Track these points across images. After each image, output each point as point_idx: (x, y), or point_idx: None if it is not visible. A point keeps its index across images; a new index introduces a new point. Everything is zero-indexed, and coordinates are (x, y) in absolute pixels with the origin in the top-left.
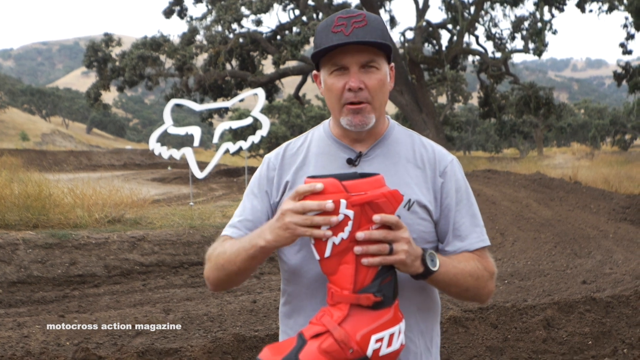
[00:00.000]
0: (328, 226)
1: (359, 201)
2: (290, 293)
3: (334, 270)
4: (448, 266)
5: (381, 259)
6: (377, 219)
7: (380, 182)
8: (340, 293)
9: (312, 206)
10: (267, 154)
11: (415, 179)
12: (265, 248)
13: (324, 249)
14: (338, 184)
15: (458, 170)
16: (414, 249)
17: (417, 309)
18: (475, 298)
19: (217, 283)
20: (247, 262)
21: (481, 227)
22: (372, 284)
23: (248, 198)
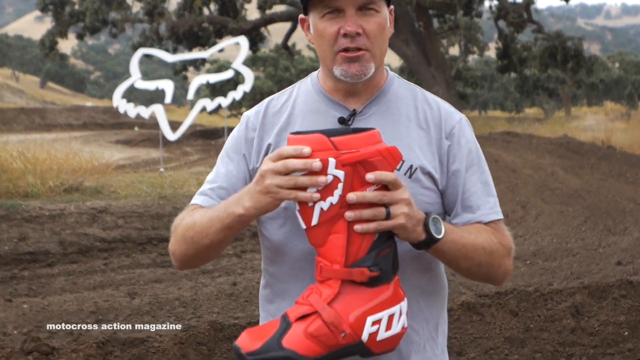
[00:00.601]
0: (315, 188)
1: (351, 160)
2: (273, 274)
3: (323, 240)
4: (456, 235)
5: (377, 225)
6: (371, 177)
7: (375, 138)
8: (330, 268)
9: (296, 165)
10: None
11: (418, 141)
12: (244, 216)
13: (311, 215)
14: (326, 141)
15: (468, 130)
16: (415, 212)
17: (420, 292)
18: (489, 277)
19: (184, 259)
20: (221, 233)
21: (494, 197)
22: (367, 256)
23: (223, 162)
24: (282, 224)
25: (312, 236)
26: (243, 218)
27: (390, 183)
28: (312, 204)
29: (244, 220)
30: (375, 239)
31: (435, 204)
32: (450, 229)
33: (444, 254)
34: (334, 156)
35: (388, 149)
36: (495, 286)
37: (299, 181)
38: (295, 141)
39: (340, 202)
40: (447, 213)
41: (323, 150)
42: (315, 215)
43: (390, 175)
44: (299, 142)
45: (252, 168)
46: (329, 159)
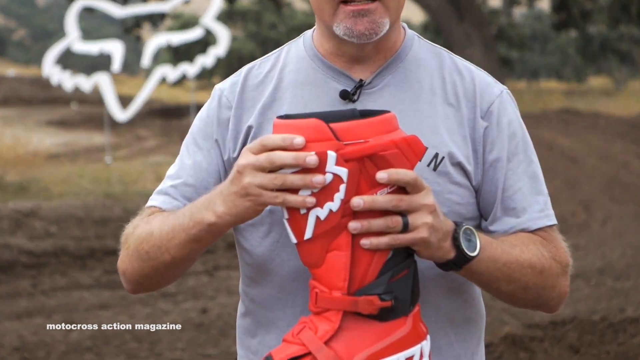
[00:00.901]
0: (309, 191)
1: (357, 153)
2: (255, 298)
3: (319, 259)
4: (495, 250)
5: (391, 239)
6: (384, 177)
7: (389, 123)
8: (328, 295)
9: (285, 159)
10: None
11: (445, 121)
12: (215, 225)
13: (304, 226)
14: (324, 128)
15: (511, 108)
16: (442, 222)
17: (449, 323)
18: (539, 302)
19: (138, 280)
20: (186, 247)
21: (545, 195)
22: (377, 280)
23: (188, 151)
24: (266, 233)
25: (305, 253)
26: (214, 228)
27: (409, 184)
28: (306, 211)
29: (215, 230)
30: (388, 258)
31: (468, 204)
32: (488, 243)
33: (479, 275)
34: (335, 148)
35: (406, 140)
36: (549, 313)
37: (287, 180)
38: (284, 128)
39: (342, 209)
40: (482, 217)
41: (320, 140)
42: (309, 225)
43: (408, 174)
44: (288, 129)
45: (228, 158)
46: (328, 153)
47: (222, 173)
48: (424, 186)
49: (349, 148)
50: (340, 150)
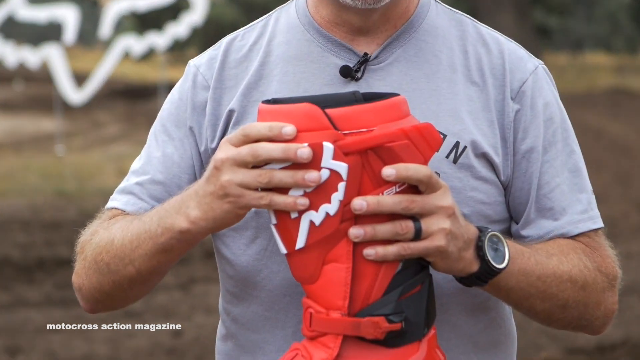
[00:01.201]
0: (301, 191)
1: (359, 145)
2: (238, 318)
3: (314, 273)
4: (527, 261)
5: (400, 248)
6: (391, 173)
7: (398, 109)
8: (324, 317)
9: (272, 152)
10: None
11: (467, 103)
12: (188, 233)
13: (295, 233)
14: (319, 114)
15: (547, 87)
16: (462, 227)
17: (472, 347)
18: (581, 323)
19: (96, 297)
20: (153, 258)
21: (589, 193)
22: (384, 298)
23: (157, 141)
24: (251, 239)
25: (296, 266)
26: (187, 235)
27: (422, 182)
28: (297, 215)
29: (188, 238)
30: (397, 271)
31: (495, 204)
32: (519, 253)
33: (509, 291)
34: (332, 139)
35: (419, 128)
36: (594, 335)
37: (275, 178)
38: (270, 114)
39: (341, 213)
40: (513, 219)
41: (314, 129)
42: (301, 232)
43: (421, 170)
44: (276, 115)
45: (205, 150)
46: (324, 144)
47: (198, 168)
48: (441, 184)
49: (349, 139)
50: (339, 142)
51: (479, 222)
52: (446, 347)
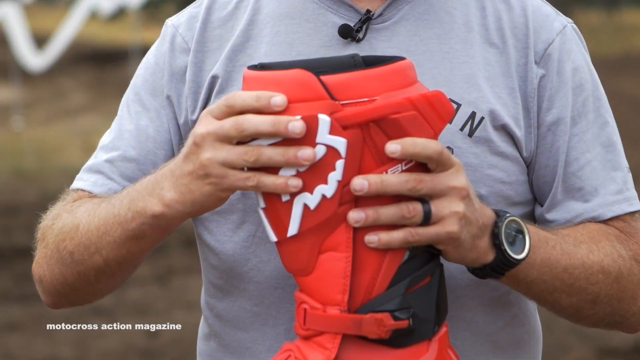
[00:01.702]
0: (294, 170)
1: (359, 117)
2: (222, 314)
3: (308, 264)
4: (552, 250)
5: (407, 234)
6: (396, 149)
7: (403, 74)
8: (321, 313)
9: (259, 126)
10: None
11: (485, 68)
12: (162, 218)
13: (286, 219)
14: (313, 82)
15: (577, 49)
16: (478, 211)
17: (491, 346)
18: (614, 320)
19: (59, 290)
20: (122, 247)
21: (625, 170)
22: (388, 292)
23: (130, 112)
24: (238, 224)
25: (288, 256)
26: (161, 220)
27: (432, 158)
28: (289, 198)
29: (162, 223)
30: (403, 261)
31: (517, 183)
32: (543, 240)
33: (530, 285)
34: (329, 110)
35: (428, 97)
36: (630, 334)
37: (263, 156)
38: (257, 82)
39: (339, 195)
40: (537, 201)
41: (308, 99)
42: (294, 217)
43: (431, 145)
44: (264, 83)
45: (185, 122)
46: (319, 117)
47: (176, 143)
48: (453, 161)
49: (348, 110)
50: (336, 113)
51: (498, 204)
52: (461, 347)
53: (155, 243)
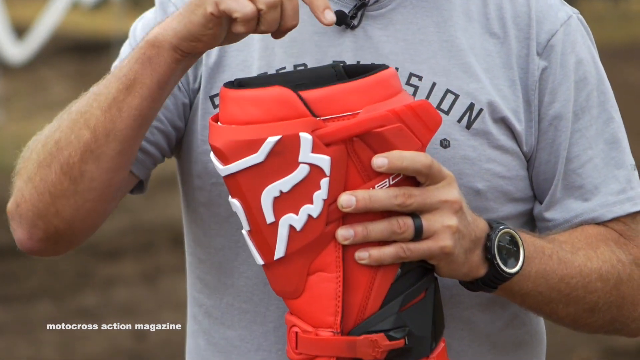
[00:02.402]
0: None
1: (342, 133)
2: (210, 311)
3: (297, 286)
4: (548, 261)
5: (399, 250)
6: (383, 163)
7: (387, 85)
8: (313, 337)
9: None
10: None
11: (485, 59)
12: (157, 44)
13: (272, 241)
14: (293, 99)
15: (582, 40)
16: (470, 224)
17: (490, 349)
18: (613, 327)
19: (37, 207)
20: (113, 105)
21: (629, 168)
22: (382, 311)
23: None
24: (226, 217)
25: (276, 279)
26: (154, 50)
27: (421, 172)
28: (274, 220)
29: (153, 57)
30: (396, 278)
31: (517, 179)
32: (538, 251)
33: (524, 297)
34: (310, 128)
35: (413, 108)
36: (632, 338)
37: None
38: (236, 102)
39: (326, 213)
40: (537, 197)
41: (288, 117)
42: (280, 240)
43: (419, 158)
44: (243, 103)
45: (189, 90)
46: (301, 136)
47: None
48: (444, 174)
49: (330, 126)
50: (318, 130)
51: (497, 200)
52: (458, 347)
53: (150, 104)
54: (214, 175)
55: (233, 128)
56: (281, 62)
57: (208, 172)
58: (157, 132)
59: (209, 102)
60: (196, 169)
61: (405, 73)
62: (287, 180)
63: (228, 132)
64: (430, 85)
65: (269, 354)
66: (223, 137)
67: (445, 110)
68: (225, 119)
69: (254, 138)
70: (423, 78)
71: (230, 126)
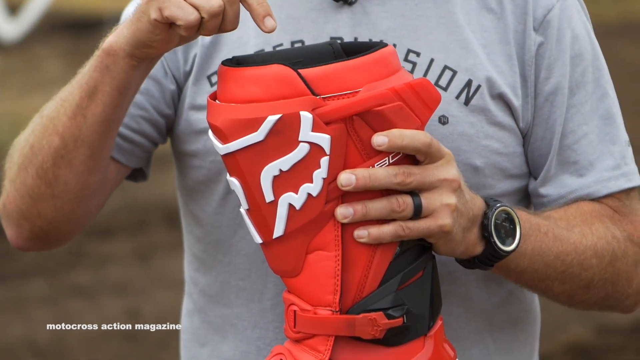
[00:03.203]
0: (277, 171)
1: (342, 111)
2: (206, 289)
3: (296, 265)
4: (544, 238)
5: (398, 228)
6: (383, 142)
7: (386, 63)
8: (312, 315)
9: None
10: None
11: (482, 35)
12: (112, 53)
13: (271, 220)
14: (293, 77)
15: (578, 16)
16: (468, 202)
17: (486, 325)
18: (608, 303)
19: (20, 208)
20: (78, 112)
21: (624, 144)
22: (380, 289)
23: None
24: (224, 194)
25: (275, 257)
26: (110, 59)
27: (421, 150)
28: (273, 199)
29: (110, 65)
30: (395, 256)
31: (513, 155)
32: (534, 228)
33: (520, 274)
34: (310, 106)
35: (412, 85)
36: (626, 314)
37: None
38: (235, 80)
39: (325, 192)
40: (532, 173)
41: (288, 95)
42: (279, 218)
43: (419, 136)
44: (242, 81)
45: (180, 73)
46: (302, 114)
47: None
48: (443, 152)
49: (330, 104)
50: (318, 109)
51: (494, 176)
52: (454, 324)
53: (110, 113)
54: (212, 153)
55: (232, 106)
56: (278, 39)
57: (207, 150)
58: (143, 121)
59: (206, 80)
60: (193, 148)
61: (403, 49)
62: (287, 159)
63: (227, 110)
64: (428, 61)
65: (266, 331)
66: (222, 116)
67: (443, 86)
68: (224, 97)
69: (254, 117)
70: (421, 54)
71: (230, 104)
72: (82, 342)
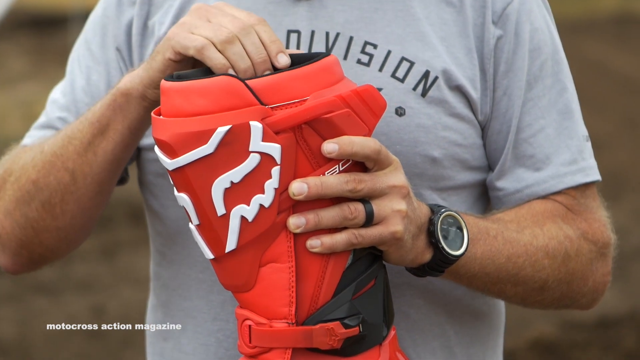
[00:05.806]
0: (228, 183)
1: (291, 120)
2: (168, 282)
3: (249, 279)
4: (493, 242)
5: (351, 236)
6: (333, 149)
7: (330, 71)
8: (268, 329)
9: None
10: None
11: (440, 27)
12: (127, 93)
13: (223, 234)
14: (240, 88)
15: (537, 9)
16: (416, 209)
17: (447, 318)
18: (564, 303)
19: (19, 239)
20: (89, 149)
21: (581, 139)
22: (336, 299)
23: (81, 66)
24: None
25: (227, 273)
26: (124, 99)
27: (370, 157)
28: (225, 212)
29: (124, 105)
30: (348, 265)
31: (473, 147)
32: (483, 232)
33: (471, 279)
34: (259, 116)
35: (358, 92)
36: (584, 311)
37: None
38: (180, 94)
39: (277, 203)
40: (489, 165)
41: (237, 106)
42: (232, 232)
43: (368, 143)
44: (188, 94)
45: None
46: (251, 124)
47: None
48: (391, 159)
49: (279, 113)
50: (267, 118)
51: (453, 168)
52: (415, 315)
53: (123, 148)
54: None
55: (180, 120)
56: None
57: None
58: None
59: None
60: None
61: (360, 42)
62: (238, 170)
63: (174, 124)
64: (385, 53)
65: (226, 323)
66: (170, 130)
67: (400, 78)
68: (169, 112)
69: (204, 129)
70: (378, 46)
71: (177, 119)
72: (46, 337)
